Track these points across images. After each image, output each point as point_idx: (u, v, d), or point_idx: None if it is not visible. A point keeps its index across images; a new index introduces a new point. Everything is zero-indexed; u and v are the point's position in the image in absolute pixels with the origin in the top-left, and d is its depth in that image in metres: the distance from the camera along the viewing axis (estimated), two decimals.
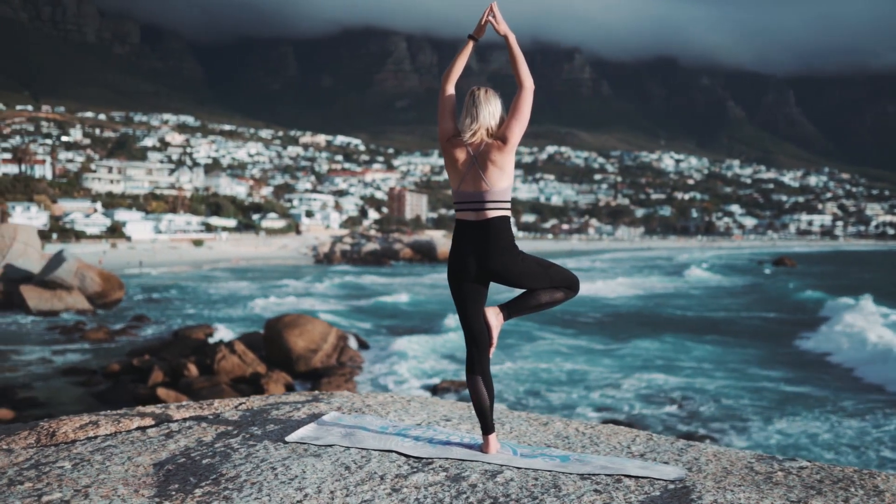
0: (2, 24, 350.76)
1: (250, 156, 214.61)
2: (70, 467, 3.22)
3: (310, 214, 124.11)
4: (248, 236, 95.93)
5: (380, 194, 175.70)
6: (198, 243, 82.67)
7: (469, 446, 3.42)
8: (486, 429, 3.34)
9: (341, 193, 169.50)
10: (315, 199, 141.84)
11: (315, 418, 3.90)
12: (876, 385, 18.88)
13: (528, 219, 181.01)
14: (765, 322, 32.77)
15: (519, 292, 3.46)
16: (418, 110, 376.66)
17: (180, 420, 4.04)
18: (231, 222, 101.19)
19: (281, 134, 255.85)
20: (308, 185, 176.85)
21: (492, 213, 3.29)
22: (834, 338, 25.89)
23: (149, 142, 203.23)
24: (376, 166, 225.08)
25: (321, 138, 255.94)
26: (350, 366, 20.36)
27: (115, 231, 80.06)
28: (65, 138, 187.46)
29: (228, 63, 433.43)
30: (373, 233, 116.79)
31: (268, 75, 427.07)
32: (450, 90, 3.44)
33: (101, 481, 3.03)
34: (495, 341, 3.40)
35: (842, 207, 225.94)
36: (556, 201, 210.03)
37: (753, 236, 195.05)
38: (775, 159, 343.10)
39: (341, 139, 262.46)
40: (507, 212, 3.33)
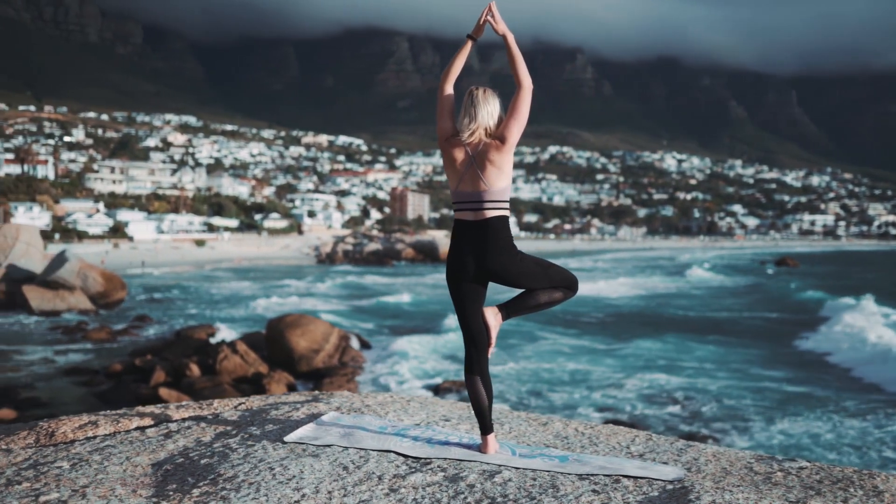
0: (4, 25, 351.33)
1: (252, 156, 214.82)
2: (68, 467, 3.22)
3: (312, 214, 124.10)
4: (250, 236, 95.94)
5: (382, 194, 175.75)
6: (200, 243, 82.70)
7: (468, 446, 3.41)
8: (485, 429, 3.34)
9: (343, 193, 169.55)
10: (317, 200, 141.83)
11: (314, 418, 3.90)
12: (877, 385, 18.86)
13: (531, 219, 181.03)
14: (767, 322, 32.74)
15: (518, 292, 3.46)
16: (420, 110, 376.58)
17: (179, 420, 4.03)
18: (233, 222, 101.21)
19: (283, 134, 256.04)
20: (310, 186, 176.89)
21: (490, 213, 3.29)
22: (835, 338, 25.88)
23: (151, 142, 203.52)
24: (378, 166, 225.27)
25: (323, 138, 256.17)
26: (352, 366, 20.35)
27: (118, 231, 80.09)
28: (67, 138, 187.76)
29: (230, 63, 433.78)
30: (375, 233, 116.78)
31: (270, 75, 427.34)
32: (448, 90, 3.44)
33: (99, 481, 3.03)
34: (494, 341, 3.39)
35: (844, 207, 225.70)
36: (558, 201, 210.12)
37: (756, 236, 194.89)
38: (777, 159, 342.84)
39: (343, 139, 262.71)
40: (505, 212, 3.32)
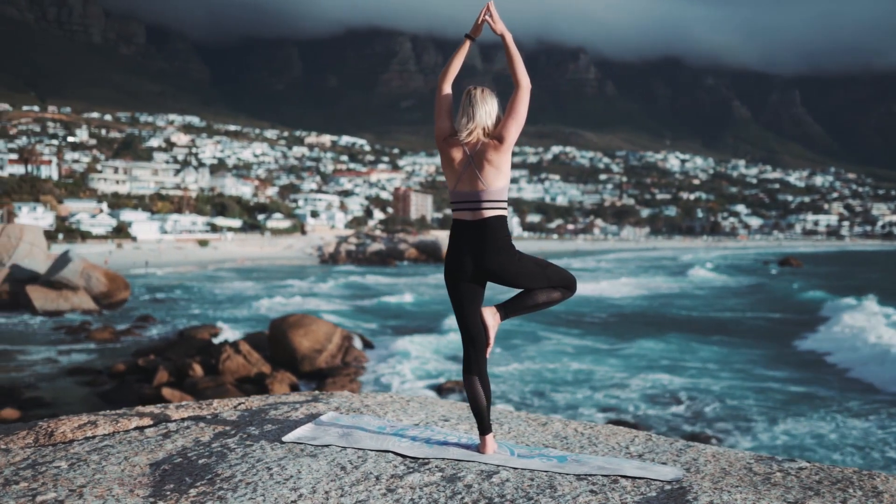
0: (8, 25, 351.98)
1: (255, 156, 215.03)
2: (66, 467, 3.22)
3: (315, 215, 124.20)
4: (253, 236, 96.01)
5: (385, 194, 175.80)
6: (203, 243, 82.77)
7: (466, 446, 3.41)
8: (483, 429, 3.33)
9: (346, 194, 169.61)
10: (320, 200, 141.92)
11: (313, 418, 3.90)
12: (880, 385, 18.80)
13: (534, 219, 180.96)
14: (770, 322, 32.68)
15: (516, 292, 3.45)
16: (423, 110, 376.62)
17: (178, 420, 4.03)
18: (236, 222, 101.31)
19: (286, 134, 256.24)
20: (313, 186, 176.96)
21: (488, 213, 3.28)
22: (838, 338, 25.82)
23: (154, 142, 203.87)
24: (381, 166, 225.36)
25: (326, 138, 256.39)
26: (355, 366, 20.34)
27: (121, 231, 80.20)
28: (71, 139, 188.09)
29: (234, 63, 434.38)
30: (378, 233, 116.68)
31: (273, 76, 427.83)
32: (447, 89, 3.44)
33: (97, 481, 3.03)
34: (492, 341, 3.38)
35: (848, 207, 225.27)
36: (561, 201, 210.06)
37: (759, 236, 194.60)
38: (781, 159, 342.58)
39: (346, 139, 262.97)
40: (503, 211, 3.32)
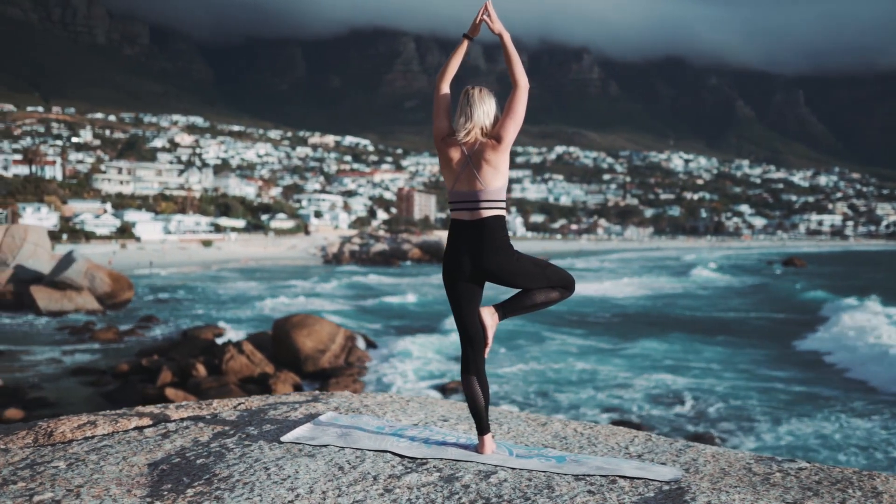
0: (12, 26, 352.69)
1: (259, 156, 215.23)
2: (64, 467, 3.23)
3: (318, 215, 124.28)
4: (256, 237, 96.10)
5: (388, 194, 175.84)
6: (207, 244, 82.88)
7: (465, 447, 3.40)
8: (482, 429, 3.33)
9: (350, 194, 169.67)
10: (324, 200, 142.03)
11: (312, 418, 3.89)
12: (882, 385, 18.75)
13: (537, 219, 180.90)
14: (773, 323, 32.62)
15: (514, 292, 3.45)
16: (427, 111, 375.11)
17: (178, 420, 4.03)
18: (240, 223, 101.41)
19: (290, 134, 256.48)
20: (317, 186, 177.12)
21: (486, 213, 3.28)
22: (841, 338, 25.74)
23: (158, 143, 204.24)
24: (385, 167, 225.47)
25: (330, 139, 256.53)
26: (358, 366, 20.33)
27: (125, 232, 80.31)
28: (75, 139, 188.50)
29: (237, 64, 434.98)
30: (381, 233, 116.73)
31: (276, 76, 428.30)
32: (444, 89, 3.43)
33: (95, 481, 3.03)
34: (490, 341, 3.38)
35: (852, 207, 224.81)
36: (564, 201, 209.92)
37: (763, 236, 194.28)
38: (785, 159, 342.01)
39: (350, 140, 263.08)
40: (501, 211, 3.31)
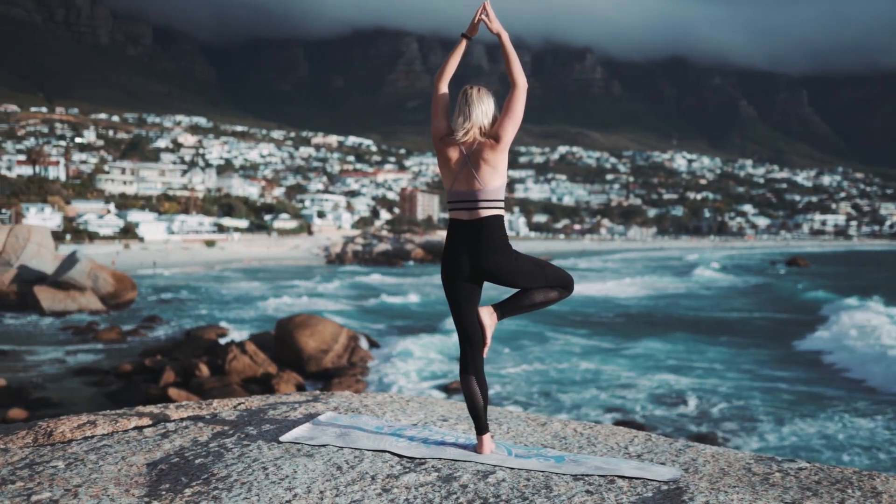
0: (16, 26, 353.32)
1: (262, 157, 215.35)
2: (63, 467, 3.23)
3: (322, 215, 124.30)
4: (260, 237, 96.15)
5: (391, 195, 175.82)
6: (210, 244, 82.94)
7: (463, 447, 3.40)
8: (480, 429, 3.33)
9: (353, 194, 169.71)
10: (327, 200, 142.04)
11: (311, 418, 3.89)
12: (884, 385, 18.71)
13: (540, 219, 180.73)
14: (775, 323, 32.57)
15: (513, 292, 3.44)
16: (430, 111, 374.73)
17: (177, 420, 4.04)
18: (243, 223, 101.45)
19: (293, 135, 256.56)
20: (320, 186, 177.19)
21: (485, 213, 3.28)
22: (840, 338, 25.71)
23: (161, 143, 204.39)
24: (388, 167, 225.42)
25: (333, 139, 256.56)
26: (360, 366, 20.34)
27: (128, 232, 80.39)
28: (78, 140, 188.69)
29: (240, 64, 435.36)
30: (384, 233, 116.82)
31: (279, 76, 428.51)
32: (443, 89, 3.43)
33: (93, 481, 3.03)
34: (489, 341, 3.38)
35: (856, 207, 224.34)
36: (567, 201, 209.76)
37: (766, 236, 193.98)
38: (788, 159, 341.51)
39: (353, 140, 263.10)
40: (500, 211, 3.31)
